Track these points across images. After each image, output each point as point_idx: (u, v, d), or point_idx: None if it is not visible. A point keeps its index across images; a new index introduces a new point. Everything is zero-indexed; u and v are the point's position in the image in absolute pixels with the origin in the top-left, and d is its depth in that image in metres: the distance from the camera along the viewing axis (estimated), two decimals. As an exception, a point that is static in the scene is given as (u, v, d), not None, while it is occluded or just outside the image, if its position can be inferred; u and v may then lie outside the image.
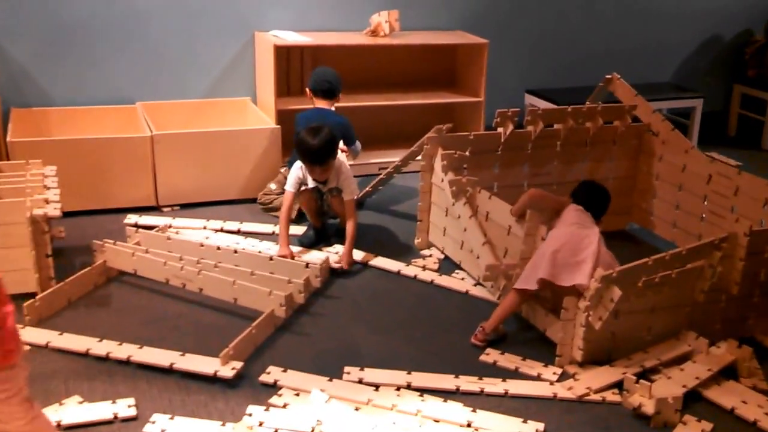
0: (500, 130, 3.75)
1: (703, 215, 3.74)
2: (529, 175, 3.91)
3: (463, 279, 3.61)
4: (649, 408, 2.67)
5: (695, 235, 3.75)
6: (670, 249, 3.88)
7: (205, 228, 3.95)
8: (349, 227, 3.68)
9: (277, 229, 3.80)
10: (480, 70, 5.05)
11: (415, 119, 5.18)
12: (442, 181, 3.61)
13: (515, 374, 2.92)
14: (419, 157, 3.79)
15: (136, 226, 3.84)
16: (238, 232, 3.94)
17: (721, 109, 6.36)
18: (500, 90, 5.41)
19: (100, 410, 2.54)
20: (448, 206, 3.64)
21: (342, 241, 3.75)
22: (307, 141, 3.57)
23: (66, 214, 3.72)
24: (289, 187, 3.73)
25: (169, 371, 2.77)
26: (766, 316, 3.18)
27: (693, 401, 2.77)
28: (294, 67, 5.00)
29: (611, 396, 2.80)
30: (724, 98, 6.37)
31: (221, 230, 3.94)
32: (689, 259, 2.94)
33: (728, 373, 2.94)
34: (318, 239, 3.86)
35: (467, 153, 3.69)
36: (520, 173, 3.92)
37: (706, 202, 3.72)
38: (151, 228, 3.83)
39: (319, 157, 3.59)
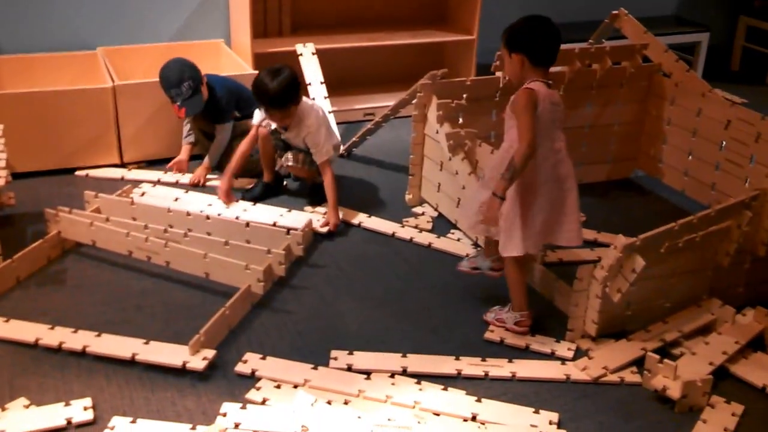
0: (499, 74, 3.39)
1: (718, 163, 3.43)
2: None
3: (459, 240, 3.29)
4: (675, 392, 2.37)
5: (708, 185, 3.48)
6: (678, 199, 3.65)
7: (177, 182, 3.65)
8: (328, 185, 3.32)
9: (257, 189, 3.58)
10: (474, 5, 4.67)
11: (402, 60, 4.86)
12: (437, 132, 3.25)
13: (524, 352, 2.62)
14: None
15: (87, 177, 3.65)
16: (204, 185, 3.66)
17: (725, 42, 6.01)
18: (492, 27, 4.99)
19: (51, 415, 2.20)
20: (444, 160, 3.29)
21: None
22: (265, 82, 3.23)
23: (17, 176, 3.40)
24: (256, 121, 3.47)
25: (131, 363, 2.43)
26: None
27: (719, 378, 2.48)
28: (272, 6, 4.59)
29: (630, 376, 2.51)
30: (728, 31, 6.01)
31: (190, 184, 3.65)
32: (717, 221, 2.63)
33: (755, 344, 2.66)
34: (264, 195, 3.56)
35: (463, 100, 3.33)
36: (519, 120, 3.57)
37: (722, 149, 3.41)
38: (105, 180, 3.58)
39: (277, 99, 3.26)
